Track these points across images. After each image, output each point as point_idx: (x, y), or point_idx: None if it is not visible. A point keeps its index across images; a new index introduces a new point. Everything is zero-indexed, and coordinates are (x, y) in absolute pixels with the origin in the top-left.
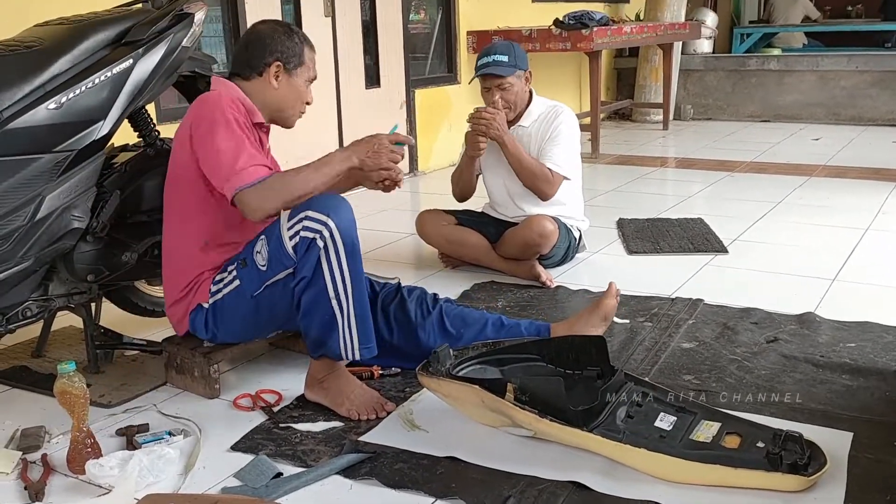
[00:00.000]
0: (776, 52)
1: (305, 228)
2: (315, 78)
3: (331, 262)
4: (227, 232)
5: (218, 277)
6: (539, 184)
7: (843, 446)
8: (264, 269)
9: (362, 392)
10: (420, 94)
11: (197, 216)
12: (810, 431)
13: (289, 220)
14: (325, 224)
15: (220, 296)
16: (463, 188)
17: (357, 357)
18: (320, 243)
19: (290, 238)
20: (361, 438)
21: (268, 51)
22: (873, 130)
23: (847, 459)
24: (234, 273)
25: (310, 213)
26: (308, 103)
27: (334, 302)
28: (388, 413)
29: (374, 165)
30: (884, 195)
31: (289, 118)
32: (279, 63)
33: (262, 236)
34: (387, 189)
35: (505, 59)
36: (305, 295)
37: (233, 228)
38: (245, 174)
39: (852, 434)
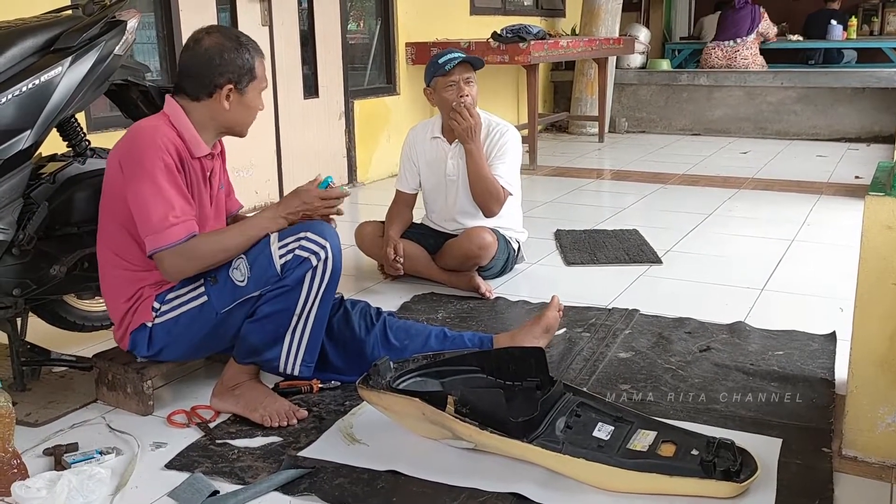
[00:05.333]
0: (665, 63)
1: (302, 248)
2: (266, 86)
3: (313, 283)
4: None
5: (171, 296)
6: (490, 201)
7: (772, 452)
8: (243, 284)
9: (274, 400)
10: (359, 105)
11: (129, 243)
12: (742, 438)
13: (280, 239)
14: (324, 248)
15: (174, 314)
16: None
17: (295, 372)
18: (313, 262)
19: (281, 256)
20: (301, 454)
21: (217, 72)
22: (797, 144)
23: (777, 465)
24: (201, 290)
25: (309, 235)
26: (260, 109)
27: (294, 319)
28: (300, 420)
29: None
30: (808, 207)
31: (241, 131)
32: (231, 85)
33: (241, 256)
34: None
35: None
36: (275, 301)
37: None
38: (165, 234)
39: (781, 440)
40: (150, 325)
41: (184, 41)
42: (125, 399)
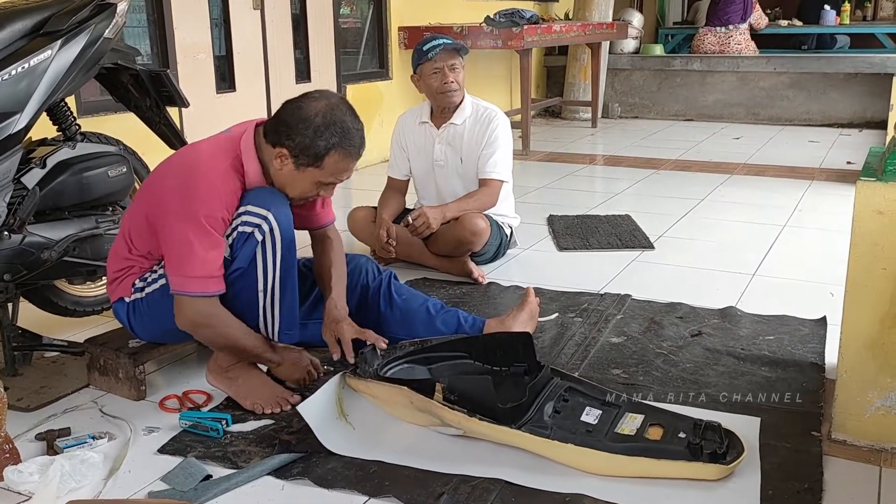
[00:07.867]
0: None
1: (244, 223)
2: (335, 183)
3: (266, 257)
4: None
5: (145, 275)
6: (484, 209)
7: (752, 432)
8: None
9: (266, 386)
10: (351, 90)
11: (142, 229)
12: (721, 419)
13: None
14: (265, 218)
15: (142, 294)
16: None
17: (276, 339)
18: (258, 237)
19: (228, 235)
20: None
21: (286, 133)
22: (790, 130)
23: (758, 445)
24: (161, 271)
25: (249, 208)
26: (311, 194)
27: (261, 295)
28: (294, 406)
29: (285, 377)
30: (800, 192)
31: (289, 196)
32: (287, 152)
33: None
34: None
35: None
36: (234, 284)
37: None
38: (191, 282)
39: (760, 419)
40: (127, 300)
41: (174, 24)
42: (117, 384)
